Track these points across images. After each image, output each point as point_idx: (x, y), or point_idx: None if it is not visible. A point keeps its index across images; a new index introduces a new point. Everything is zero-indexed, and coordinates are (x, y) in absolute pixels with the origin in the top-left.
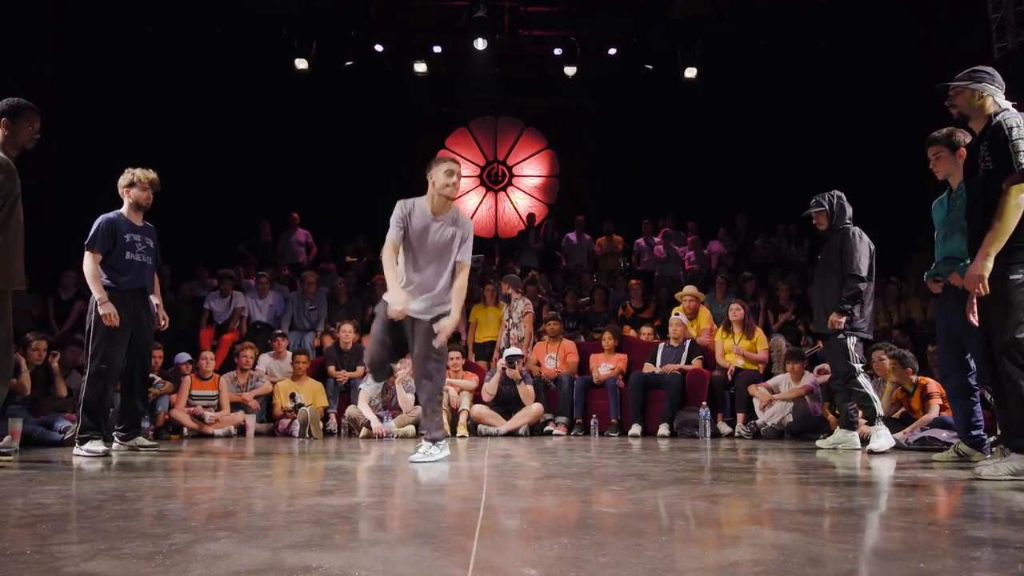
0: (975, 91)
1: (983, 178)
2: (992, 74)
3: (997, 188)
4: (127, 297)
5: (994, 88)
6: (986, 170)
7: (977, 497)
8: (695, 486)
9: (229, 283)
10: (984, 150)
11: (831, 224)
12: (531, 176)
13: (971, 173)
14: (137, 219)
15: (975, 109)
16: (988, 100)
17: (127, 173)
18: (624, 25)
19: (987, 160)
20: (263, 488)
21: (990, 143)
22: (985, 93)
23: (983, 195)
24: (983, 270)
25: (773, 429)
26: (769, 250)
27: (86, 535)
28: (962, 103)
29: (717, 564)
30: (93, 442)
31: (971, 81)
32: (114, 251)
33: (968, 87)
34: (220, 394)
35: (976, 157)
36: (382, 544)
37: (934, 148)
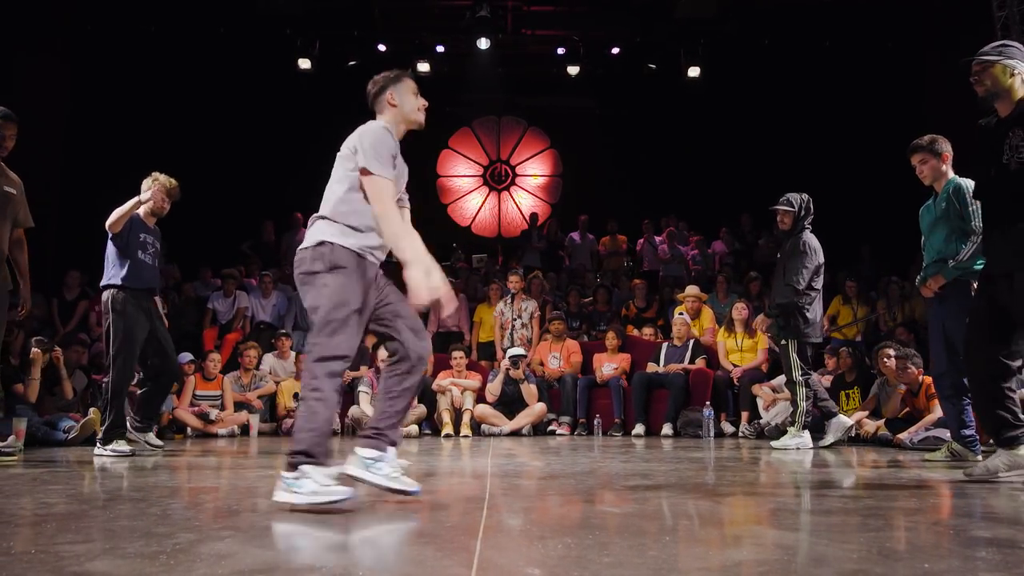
0: (1007, 67)
1: (1017, 170)
2: (1022, 49)
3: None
4: (140, 295)
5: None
6: (1020, 161)
7: (981, 497)
8: (699, 486)
9: (232, 283)
10: (1017, 138)
11: (794, 225)
12: (534, 176)
13: (991, 159)
14: (150, 221)
15: (1004, 88)
16: (1018, 80)
17: (149, 178)
18: (627, 24)
19: (1022, 150)
20: (267, 487)
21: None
22: (1016, 71)
23: (1015, 187)
24: None
25: (777, 429)
26: (772, 249)
27: (90, 534)
28: (990, 79)
29: (721, 564)
30: (119, 442)
31: (1002, 56)
32: (131, 247)
33: (1000, 62)
34: (224, 394)
35: (999, 143)
36: (386, 543)
37: (919, 155)
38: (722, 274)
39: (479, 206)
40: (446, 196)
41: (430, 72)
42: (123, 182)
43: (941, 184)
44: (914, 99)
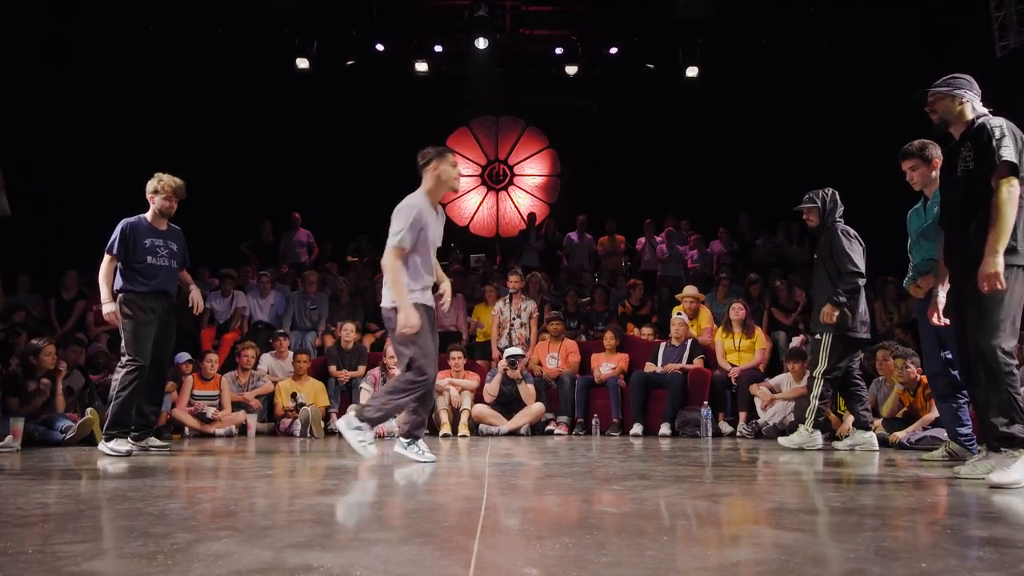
0: (955, 97)
1: (962, 177)
2: (970, 81)
3: (976, 185)
4: (148, 299)
5: (972, 95)
6: (966, 169)
7: (978, 497)
8: (697, 486)
9: (230, 283)
10: (965, 151)
11: (822, 221)
12: (532, 175)
13: (948, 174)
14: (161, 224)
15: (955, 115)
16: (967, 106)
17: (154, 179)
18: (625, 24)
19: (968, 160)
20: (264, 487)
21: (973, 143)
22: (964, 99)
23: (963, 192)
24: (995, 267)
25: (775, 428)
26: (771, 250)
27: (88, 535)
28: (942, 109)
29: (719, 564)
30: (118, 440)
31: (951, 88)
32: (136, 256)
33: (949, 93)
34: (221, 394)
35: (955, 159)
36: (383, 543)
37: (909, 161)
38: (723, 274)
39: (477, 206)
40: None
41: (428, 72)
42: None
43: (931, 189)
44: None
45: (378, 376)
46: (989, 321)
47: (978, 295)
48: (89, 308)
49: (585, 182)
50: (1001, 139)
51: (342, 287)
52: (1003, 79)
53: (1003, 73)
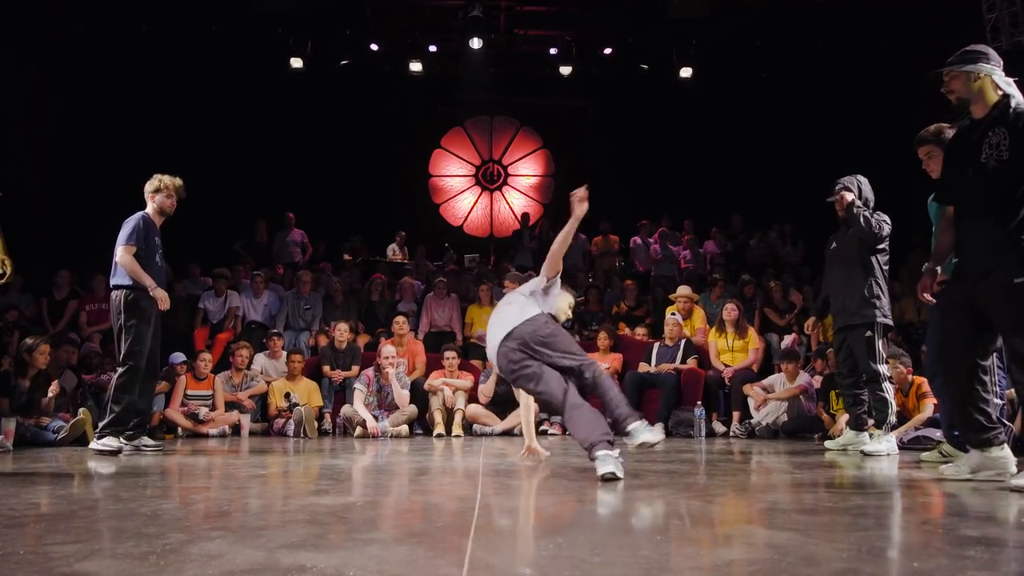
0: (970, 73)
1: (994, 167)
2: (986, 52)
3: (1012, 178)
4: (149, 297)
5: (991, 67)
6: (999, 159)
7: (970, 497)
8: (690, 486)
9: (224, 282)
10: (997, 137)
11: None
12: (527, 176)
13: (967, 158)
14: (159, 221)
15: (974, 92)
16: (987, 81)
17: (154, 179)
18: (620, 25)
19: (1002, 149)
20: (258, 488)
21: (1010, 131)
22: (982, 73)
23: (993, 182)
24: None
25: (768, 428)
26: (764, 250)
27: (80, 535)
28: (959, 88)
29: (712, 563)
30: (110, 438)
31: (964, 63)
32: (147, 252)
33: (962, 70)
34: (215, 394)
35: (977, 143)
36: (377, 544)
37: (925, 147)
38: (717, 275)
39: (471, 206)
40: (438, 196)
41: (422, 72)
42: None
43: None
44: (905, 100)
45: (371, 376)
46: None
47: (1011, 291)
48: (82, 308)
49: (579, 182)
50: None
51: (336, 287)
52: None
53: None
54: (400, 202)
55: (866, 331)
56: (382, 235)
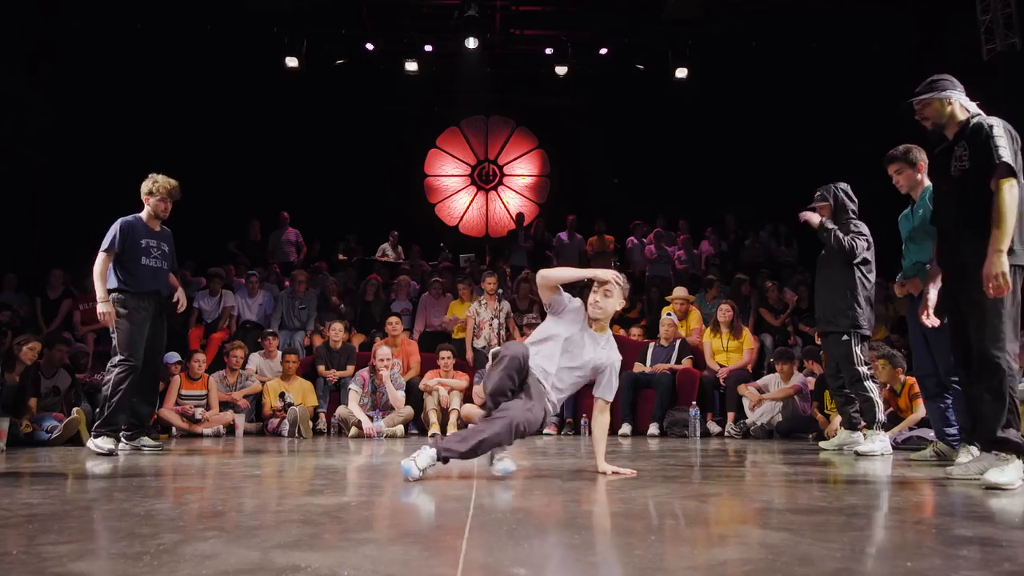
0: (942, 99)
1: (959, 177)
2: (951, 80)
3: (973, 186)
4: (141, 299)
5: (958, 93)
6: (962, 169)
7: (963, 496)
8: (685, 485)
9: (219, 282)
10: (961, 150)
11: (834, 218)
12: (522, 175)
13: (942, 175)
14: (155, 225)
15: (946, 117)
16: (956, 105)
17: (149, 179)
18: (615, 25)
19: (964, 160)
20: (252, 488)
21: (969, 143)
22: (952, 99)
23: (959, 193)
24: (1000, 266)
25: (762, 428)
26: (759, 250)
27: (73, 535)
28: (932, 114)
29: (706, 563)
30: (105, 438)
31: (935, 91)
32: (130, 255)
33: (935, 98)
34: (209, 393)
35: (948, 160)
36: (371, 544)
37: (895, 165)
38: (712, 275)
39: (467, 206)
40: (433, 196)
41: (418, 71)
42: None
43: (918, 192)
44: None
45: (366, 376)
46: (991, 324)
47: (978, 298)
48: (75, 307)
49: (575, 182)
50: (998, 139)
51: (331, 287)
52: (989, 81)
53: (989, 75)
54: (395, 202)
55: (842, 336)
56: (377, 235)
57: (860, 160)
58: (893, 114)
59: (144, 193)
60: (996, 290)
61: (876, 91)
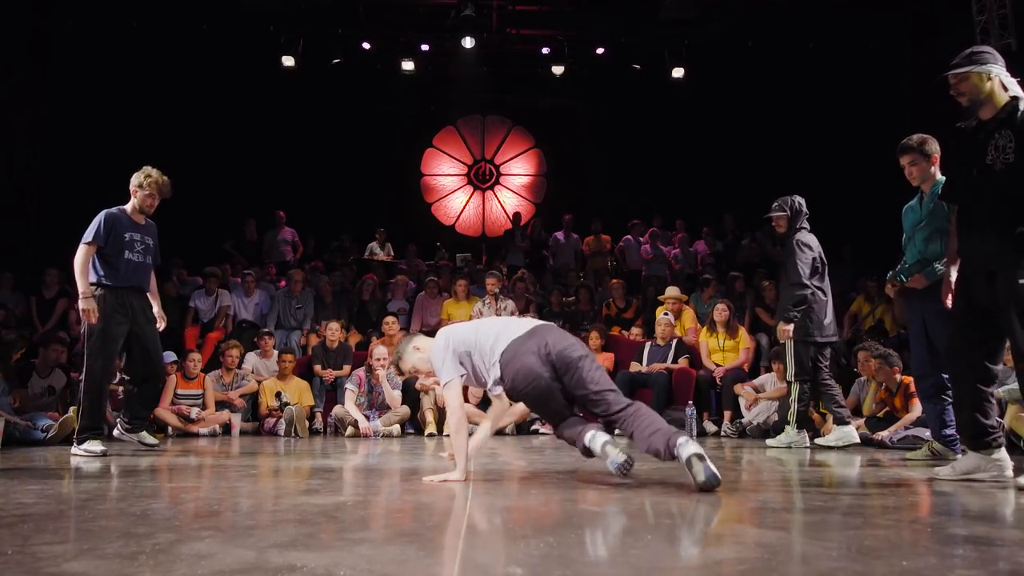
0: (982, 74)
1: (1001, 169)
2: (993, 52)
3: (1016, 181)
4: (123, 294)
5: (999, 68)
6: (1006, 162)
7: (958, 495)
8: (681, 485)
9: (215, 281)
10: (1003, 139)
11: (789, 227)
12: (518, 175)
13: (974, 160)
14: (139, 218)
15: (985, 94)
16: (997, 81)
17: (140, 172)
18: (612, 25)
19: (1008, 152)
20: (248, 487)
21: (1017, 135)
22: (993, 74)
23: (999, 184)
24: None
25: (759, 428)
26: (755, 250)
27: (68, 535)
28: (969, 89)
29: (702, 563)
30: (91, 442)
31: (975, 64)
32: (113, 248)
33: (973, 71)
34: (205, 393)
35: (983, 145)
36: (368, 543)
37: (909, 156)
38: (708, 275)
39: (463, 205)
40: (430, 195)
41: (414, 71)
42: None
43: (928, 185)
44: (896, 101)
45: (363, 376)
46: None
47: (1015, 292)
48: (71, 306)
49: (571, 182)
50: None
51: (326, 286)
52: None
53: None
54: (392, 201)
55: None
56: (373, 234)
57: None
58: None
59: (133, 185)
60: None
61: (873, 91)
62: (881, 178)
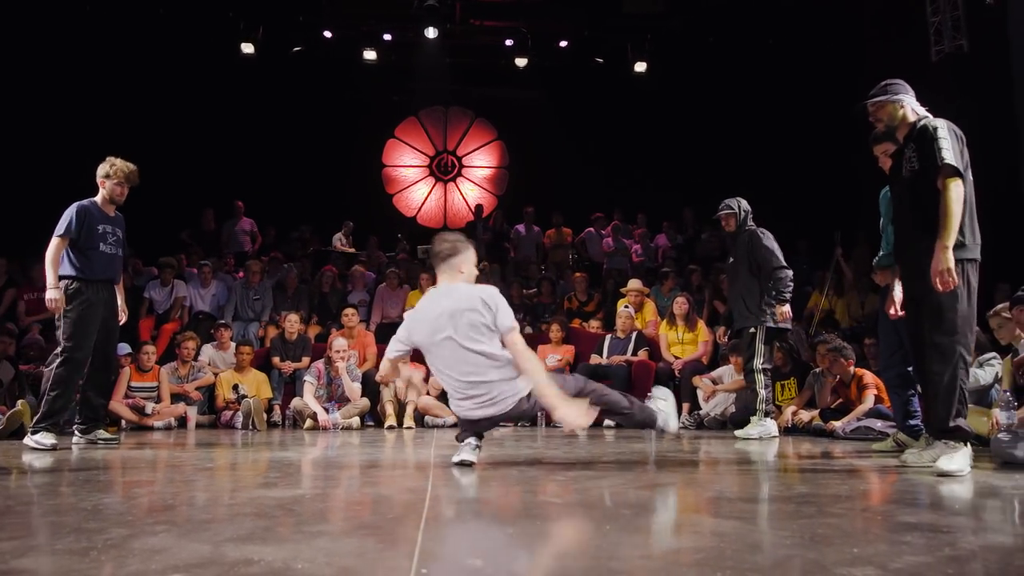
0: (895, 102)
1: (909, 179)
2: (903, 84)
3: (923, 187)
4: (98, 288)
5: (909, 97)
6: (911, 170)
7: (907, 484)
8: (640, 476)
9: (170, 272)
10: (910, 152)
11: (738, 226)
12: (481, 167)
13: (896, 177)
14: (110, 210)
15: (898, 119)
16: (908, 109)
17: (106, 163)
18: (575, 18)
19: (913, 161)
20: (204, 481)
21: (917, 145)
22: (904, 103)
23: (910, 195)
24: (946, 263)
25: (716, 419)
26: (715, 243)
27: (16, 531)
28: (886, 116)
29: (659, 552)
30: (45, 434)
31: (889, 94)
32: (87, 241)
33: (888, 100)
34: (160, 385)
35: (901, 162)
36: (326, 536)
37: (883, 145)
38: (667, 268)
39: (425, 196)
40: (391, 186)
41: (377, 60)
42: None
43: None
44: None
45: (322, 368)
46: (947, 317)
47: (931, 292)
48: (20, 297)
49: (533, 174)
50: (942, 140)
51: (292, 278)
52: (937, 82)
53: (937, 76)
54: (352, 192)
55: (751, 328)
56: (334, 225)
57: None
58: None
59: (100, 176)
60: (944, 285)
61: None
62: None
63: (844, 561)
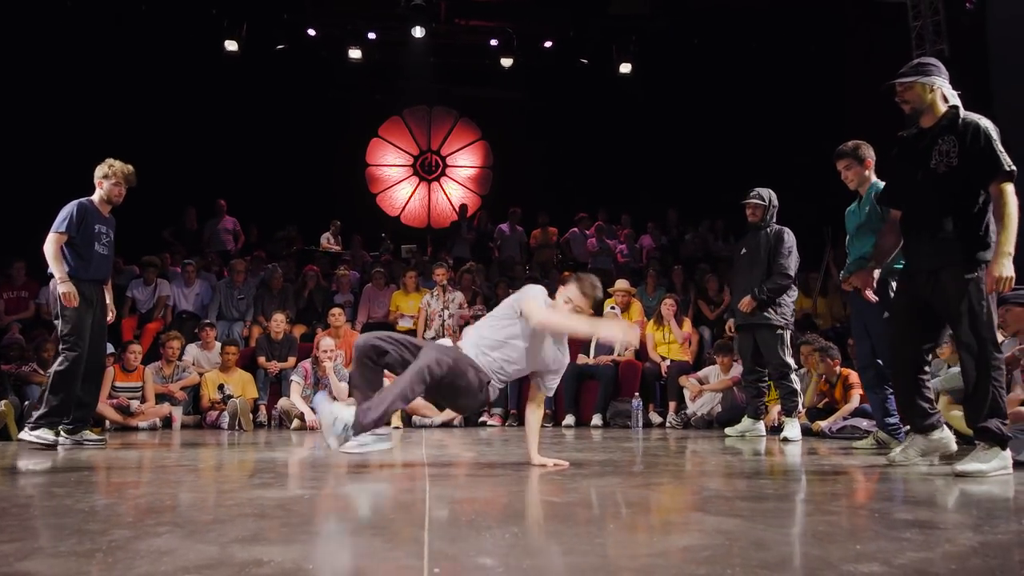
0: (925, 85)
1: (944, 173)
2: (938, 66)
3: (960, 183)
4: (91, 287)
5: (942, 80)
6: (950, 165)
7: (899, 482)
8: (632, 475)
9: (153, 271)
10: (946, 145)
11: (764, 219)
12: (465, 167)
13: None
14: (105, 210)
15: (927, 103)
16: (938, 93)
17: (104, 164)
18: (561, 19)
19: (952, 156)
20: (196, 482)
21: (960, 140)
22: (935, 86)
23: (942, 188)
24: (1008, 270)
25: (703, 419)
26: (698, 244)
27: (15, 533)
28: (913, 98)
29: (668, 549)
30: (45, 429)
31: (920, 75)
32: (83, 239)
33: (918, 82)
34: (145, 385)
35: (927, 151)
36: (332, 536)
37: (844, 161)
38: (651, 268)
39: (409, 196)
40: (375, 185)
41: (361, 59)
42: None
43: (865, 188)
44: (834, 101)
45: (309, 368)
46: (980, 316)
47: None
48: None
49: (518, 174)
50: (996, 143)
51: (277, 278)
52: None
53: None
54: (336, 191)
55: (776, 329)
56: (317, 224)
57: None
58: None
59: (99, 177)
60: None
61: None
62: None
63: (848, 558)
